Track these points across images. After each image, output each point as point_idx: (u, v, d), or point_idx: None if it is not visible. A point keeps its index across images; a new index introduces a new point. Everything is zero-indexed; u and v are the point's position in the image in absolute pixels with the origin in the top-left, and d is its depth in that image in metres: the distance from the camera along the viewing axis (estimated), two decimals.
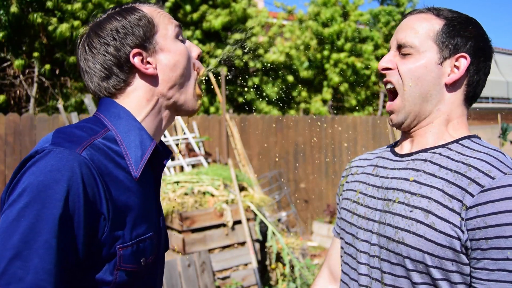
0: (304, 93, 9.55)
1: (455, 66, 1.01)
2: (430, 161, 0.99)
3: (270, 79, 9.25)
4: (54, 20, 6.17)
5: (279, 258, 4.58)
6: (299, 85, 9.73)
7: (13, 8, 5.72)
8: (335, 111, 10.20)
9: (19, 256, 0.74)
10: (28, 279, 0.74)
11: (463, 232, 0.88)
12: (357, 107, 10.31)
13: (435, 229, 0.91)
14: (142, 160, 0.94)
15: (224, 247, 4.17)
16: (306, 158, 6.94)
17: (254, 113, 8.01)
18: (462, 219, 0.88)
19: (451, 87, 1.02)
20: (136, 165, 0.93)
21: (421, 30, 1.02)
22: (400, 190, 1.00)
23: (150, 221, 0.97)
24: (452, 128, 1.03)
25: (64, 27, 6.08)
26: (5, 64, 6.22)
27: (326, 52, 9.66)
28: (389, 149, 1.15)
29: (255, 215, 4.41)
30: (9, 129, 4.70)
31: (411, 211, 0.95)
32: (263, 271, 4.54)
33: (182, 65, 0.99)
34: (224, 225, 4.17)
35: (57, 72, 6.62)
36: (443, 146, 1.01)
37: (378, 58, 10.50)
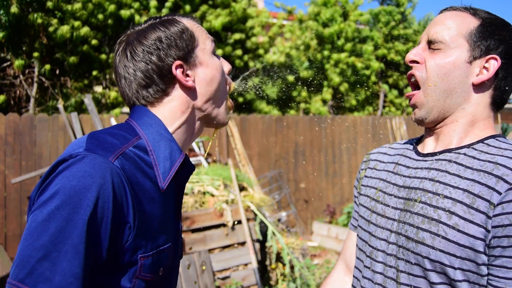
0: (304, 93, 9.55)
1: (484, 67, 0.99)
2: (455, 162, 0.98)
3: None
4: (54, 21, 6.17)
5: (279, 258, 4.58)
6: (300, 85, 9.73)
7: (13, 8, 5.72)
8: (335, 111, 10.20)
9: (47, 257, 0.75)
10: (55, 281, 0.75)
11: (488, 231, 0.87)
12: (357, 107, 10.31)
13: (458, 230, 0.90)
14: (170, 172, 0.95)
15: (224, 247, 4.17)
16: (306, 158, 6.94)
17: (254, 113, 8.01)
18: (489, 217, 0.87)
19: (478, 88, 1.00)
20: (164, 177, 0.94)
21: (454, 27, 1.01)
22: (423, 190, 0.99)
23: (169, 232, 0.98)
24: (477, 129, 1.02)
25: (65, 28, 6.09)
26: (5, 64, 6.22)
27: (326, 52, 9.66)
28: (411, 147, 1.14)
29: (255, 215, 4.41)
30: (9, 129, 4.70)
31: (433, 212, 0.95)
32: (263, 271, 4.54)
33: (218, 80, 1.02)
34: (224, 225, 4.17)
35: (57, 72, 6.62)
36: (468, 146, 1.00)
37: (378, 58, 10.50)
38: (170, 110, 0.98)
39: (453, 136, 1.03)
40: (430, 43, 1.04)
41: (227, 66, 1.08)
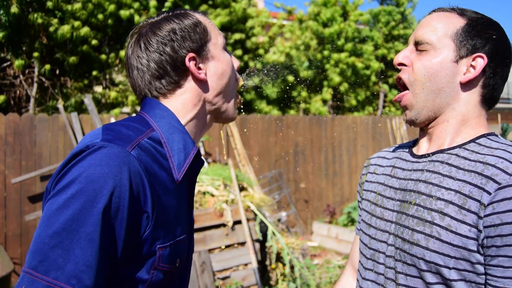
0: (304, 93, 9.55)
1: (471, 65, 1.00)
2: (447, 163, 0.99)
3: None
4: (54, 20, 6.17)
5: (279, 258, 4.58)
6: (300, 85, 9.72)
7: (13, 8, 5.71)
8: (335, 111, 10.20)
9: (60, 245, 0.75)
10: (67, 269, 0.74)
11: (480, 231, 0.88)
12: (357, 107, 10.31)
13: (451, 231, 0.91)
14: (185, 163, 0.95)
15: (224, 247, 4.17)
16: (306, 158, 6.94)
17: (254, 113, 8.01)
18: (480, 217, 0.88)
19: (467, 86, 1.01)
20: (179, 168, 0.94)
21: (440, 28, 1.02)
22: (417, 192, 1.01)
23: (184, 224, 0.98)
24: (469, 128, 1.03)
25: (65, 28, 6.09)
26: (5, 64, 6.22)
27: (326, 52, 9.66)
28: (407, 149, 1.15)
29: (255, 215, 4.41)
30: (9, 129, 4.70)
31: (427, 214, 0.96)
32: (263, 271, 4.54)
33: (229, 75, 1.04)
34: (224, 225, 4.17)
35: (57, 72, 6.62)
36: (460, 146, 1.01)
37: (378, 58, 10.50)
38: (182, 103, 0.99)
39: (445, 136, 1.04)
40: (417, 44, 1.05)
41: (236, 62, 1.09)
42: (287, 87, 9.46)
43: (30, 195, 4.71)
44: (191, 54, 0.97)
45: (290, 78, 9.04)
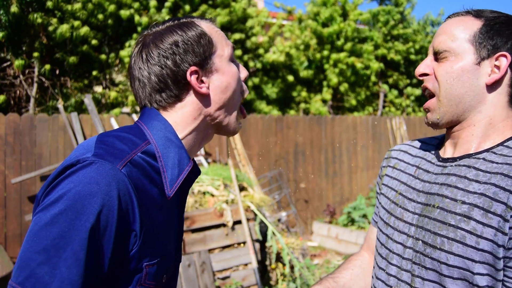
0: (304, 93, 9.55)
1: (495, 66, 0.98)
2: (474, 167, 0.97)
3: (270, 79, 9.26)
4: (54, 20, 6.17)
5: (279, 258, 4.58)
6: (299, 85, 9.72)
7: (13, 8, 5.71)
8: (335, 111, 10.20)
9: (48, 262, 0.75)
10: (53, 286, 0.74)
11: (505, 234, 0.86)
12: (357, 107, 10.30)
13: (476, 235, 0.89)
14: (178, 180, 0.93)
15: (224, 247, 4.17)
16: (306, 158, 6.94)
17: (254, 113, 8.01)
18: (506, 220, 0.86)
19: (492, 87, 0.99)
20: (171, 184, 0.93)
21: (457, 34, 1.01)
22: (442, 195, 0.98)
23: (172, 238, 0.97)
24: (497, 132, 1.00)
25: (64, 27, 6.08)
26: (5, 64, 6.22)
27: (325, 52, 9.66)
28: (433, 149, 1.13)
29: (255, 215, 4.41)
30: (9, 129, 4.70)
31: (451, 217, 0.94)
32: (263, 271, 4.54)
33: (233, 88, 1.00)
34: (224, 225, 4.17)
35: (57, 72, 6.62)
36: (487, 150, 0.98)
37: (378, 58, 10.50)
38: (182, 116, 0.97)
39: (472, 141, 1.01)
40: (436, 54, 1.03)
41: (244, 73, 1.05)
42: (288, 87, 9.47)
43: (30, 195, 4.71)
44: (193, 68, 0.95)
45: (290, 78, 9.04)
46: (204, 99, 0.98)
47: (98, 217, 0.78)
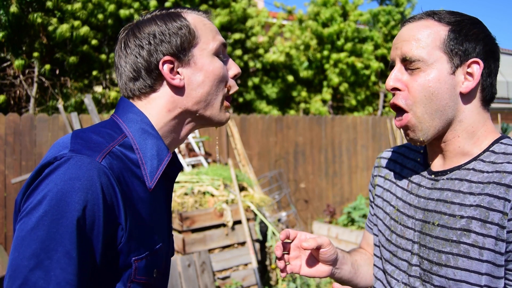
0: (304, 93, 9.55)
1: (467, 73, 0.95)
2: (466, 180, 0.96)
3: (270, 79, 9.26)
4: (54, 20, 6.17)
5: None
6: (299, 85, 9.72)
7: (13, 8, 5.71)
8: (335, 111, 10.19)
9: (40, 266, 0.73)
10: None
11: (504, 240, 0.86)
12: (357, 107, 10.30)
13: (478, 247, 0.89)
14: (157, 171, 0.92)
15: (224, 247, 4.17)
16: (306, 158, 6.94)
17: (254, 113, 8.01)
18: (503, 228, 0.86)
19: (468, 95, 0.96)
20: (151, 176, 0.91)
21: (425, 40, 0.95)
22: (440, 212, 0.97)
23: (160, 232, 0.96)
24: (481, 138, 0.99)
25: (64, 27, 6.08)
26: (5, 64, 6.22)
27: (326, 52, 9.66)
28: (421, 159, 1.10)
29: (255, 215, 4.41)
30: (9, 129, 4.70)
31: (452, 233, 0.93)
32: (263, 271, 4.54)
33: (210, 84, 0.96)
34: (224, 225, 4.17)
35: (57, 72, 6.62)
36: (475, 159, 0.97)
37: (378, 58, 10.50)
38: (157, 107, 0.95)
39: (460, 152, 0.99)
40: (405, 62, 0.97)
41: (234, 70, 1.02)
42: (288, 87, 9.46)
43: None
44: (167, 58, 0.92)
45: (290, 78, 9.04)
46: (179, 91, 0.95)
47: (84, 213, 0.76)
